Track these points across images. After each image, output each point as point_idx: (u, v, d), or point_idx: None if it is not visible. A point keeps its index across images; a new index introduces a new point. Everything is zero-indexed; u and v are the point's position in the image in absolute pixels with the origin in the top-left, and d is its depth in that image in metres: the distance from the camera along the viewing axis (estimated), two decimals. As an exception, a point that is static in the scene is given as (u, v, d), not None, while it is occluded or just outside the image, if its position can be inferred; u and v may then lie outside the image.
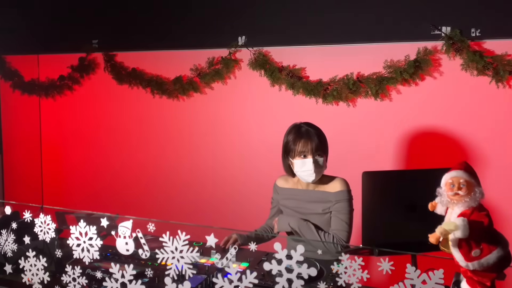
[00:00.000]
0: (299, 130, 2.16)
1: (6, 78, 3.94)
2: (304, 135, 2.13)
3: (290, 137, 2.17)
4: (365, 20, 2.86)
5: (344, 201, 2.15)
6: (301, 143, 2.12)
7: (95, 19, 3.60)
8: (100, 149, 3.74)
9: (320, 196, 2.18)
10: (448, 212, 1.34)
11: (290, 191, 2.27)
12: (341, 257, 1.13)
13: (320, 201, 2.18)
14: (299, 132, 2.15)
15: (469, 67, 2.64)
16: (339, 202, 2.15)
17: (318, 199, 2.18)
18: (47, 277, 1.48)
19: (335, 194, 2.16)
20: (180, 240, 1.25)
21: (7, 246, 1.68)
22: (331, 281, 1.66)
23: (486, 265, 1.28)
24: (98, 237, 1.39)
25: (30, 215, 1.53)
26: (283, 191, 2.30)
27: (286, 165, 2.22)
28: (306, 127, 2.17)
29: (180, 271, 1.27)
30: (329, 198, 2.17)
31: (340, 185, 2.18)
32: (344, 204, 2.15)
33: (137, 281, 1.30)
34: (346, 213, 2.14)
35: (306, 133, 2.14)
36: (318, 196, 2.19)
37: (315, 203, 2.19)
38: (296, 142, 2.13)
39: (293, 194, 2.26)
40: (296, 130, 2.17)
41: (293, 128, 2.20)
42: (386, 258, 1.11)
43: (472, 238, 1.26)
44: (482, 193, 1.30)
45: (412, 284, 1.04)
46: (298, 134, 2.14)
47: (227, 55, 3.20)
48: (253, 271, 1.19)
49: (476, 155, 2.68)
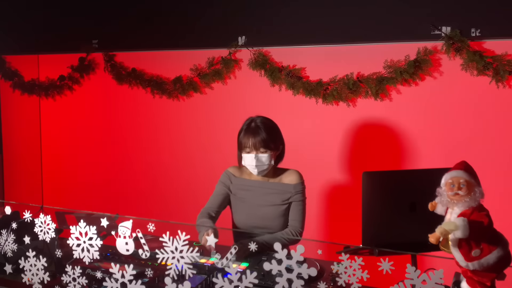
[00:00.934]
0: (249, 125, 2.22)
1: (6, 78, 3.94)
2: (251, 130, 2.20)
3: (241, 131, 2.24)
4: (365, 20, 2.86)
5: (302, 193, 2.28)
6: (246, 139, 2.19)
7: (95, 19, 3.59)
8: (100, 149, 3.74)
9: (279, 187, 2.27)
10: (448, 212, 1.34)
11: (246, 181, 2.31)
12: (341, 257, 1.14)
13: (279, 192, 2.26)
14: (248, 127, 2.22)
15: (469, 67, 2.64)
16: (298, 193, 2.26)
17: (276, 191, 2.26)
18: (47, 277, 1.48)
19: (295, 186, 2.26)
20: (180, 240, 1.25)
21: (7, 246, 1.68)
22: (331, 281, 1.67)
23: (486, 265, 1.28)
24: (98, 237, 1.39)
25: (30, 215, 1.53)
26: (237, 181, 2.32)
27: (239, 158, 2.29)
28: (256, 122, 2.22)
29: (180, 271, 1.27)
30: (289, 189, 2.26)
31: (297, 177, 2.29)
32: (301, 195, 2.27)
33: (137, 281, 1.30)
34: (303, 204, 2.27)
35: (254, 128, 2.20)
36: (277, 188, 2.26)
37: (273, 194, 2.26)
38: (244, 137, 2.20)
39: (249, 185, 2.30)
40: (246, 124, 2.24)
41: (245, 122, 2.26)
42: (386, 258, 1.11)
43: (472, 238, 1.26)
44: (482, 193, 1.30)
45: (412, 284, 1.04)
46: (247, 129, 2.21)
47: (227, 55, 3.20)
48: (253, 271, 1.18)
49: (476, 155, 2.68)
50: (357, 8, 2.88)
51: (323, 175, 3.06)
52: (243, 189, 2.30)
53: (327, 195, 3.08)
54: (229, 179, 2.34)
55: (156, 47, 3.45)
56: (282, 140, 2.30)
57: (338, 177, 3.04)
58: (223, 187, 2.34)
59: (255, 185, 2.29)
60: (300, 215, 2.26)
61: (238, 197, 2.31)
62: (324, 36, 2.97)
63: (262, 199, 2.26)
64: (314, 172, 3.07)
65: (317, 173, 3.04)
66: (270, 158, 2.20)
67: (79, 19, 3.64)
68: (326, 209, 3.09)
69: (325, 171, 3.04)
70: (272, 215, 2.25)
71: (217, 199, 2.32)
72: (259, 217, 2.26)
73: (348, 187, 3.01)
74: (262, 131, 2.18)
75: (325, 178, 3.06)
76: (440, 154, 2.77)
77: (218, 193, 2.33)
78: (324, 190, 3.08)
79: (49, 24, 3.73)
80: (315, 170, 3.05)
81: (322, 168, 3.04)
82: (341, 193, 3.04)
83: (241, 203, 2.30)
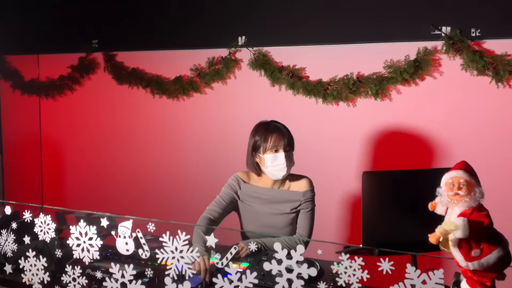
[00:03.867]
0: (268, 126, 2.20)
1: (6, 78, 3.94)
2: (275, 130, 2.17)
3: (259, 134, 2.19)
4: (365, 20, 2.86)
5: (311, 200, 2.24)
6: (273, 138, 2.15)
7: (95, 19, 3.59)
8: (100, 149, 3.74)
9: (289, 196, 2.22)
10: (448, 212, 1.34)
11: (254, 188, 2.25)
12: (341, 257, 1.13)
13: (289, 201, 2.22)
14: (269, 128, 2.19)
15: (469, 67, 2.64)
16: (307, 201, 2.23)
17: (286, 199, 2.22)
18: (47, 277, 1.48)
19: (304, 194, 2.23)
20: (180, 240, 1.25)
21: (7, 246, 1.68)
22: (331, 281, 1.66)
23: (486, 265, 1.28)
24: (98, 237, 1.39)
25: (30, 215, 1.53)
26: (246, 187, 2.25)
27: (252, 163, 2.22)
28: (275, 123, 2.22)
29: (180, 271, 1.27)
30: (298, 197, 2.22)
31: (306, 184, 2.25)
32: (311, 204, 2.24)
33: (137, 281, 1.30)
34: (312, 213, 2.24)
35: (277, 128, 2.18)
36: (287, 196, 2.22)
37: (283, 203, 2.22)
38: (268, 138, 2.16)
39: (258, 192, 2.24)
40: (265, 126, 2.21)
41: (262, 125, 2.23)
42: (386, 258, 1.11)
43: (472, 238, 1.26)
44: (482, 193, 1.30)
45: (412, 284, 1.04)
46: (269, 130, 2.18)
47: (227, 55, 3.20)
48: (253, 271, 1.18)
49: (476, 155, 2.68)
50: (357, 8, 2.88)
51: (323, 174, 3.05)
52: (252, 196, 2.24)
53: (327, 195, 3.07)
54: (238, 184, 2.27)
55: (156, 47, 3.45)
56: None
57: (338, 177, 3.04)
58: (231, 191, 2.25)
59: (264, 193, 2.23)
60: (308, 223, 2.22)
61: (247, 205, 2.25)
62: (324, 36, 2.97)
63: (271, 208, 2.22)
64: (314, 172, 3.06)
65: (317, 173, 3.03)
66: (292, 157, 2.19)
67: (79, 19, 3.64)
68: (326, 209, 3.08)
69: (325, 170, 3.04)
70: (281, 224, 2.21)
71: (222, 203, 2.22)
72: (268, 226, 2.21)
73: (348, 187, 3.01)
74: (286, 131, 2.19)
75: (325, 178, 3.05)
76: (440, 154, 2.77)
77: (224, 196, 2.24)
78: (324, 190, 3.07)
79: (49, 24, 3.73)
80: (315, 170, 3.04)
81: (322, 168, 3.04)
82: (341, 193, 3.04)
83: (249, 211, 2.25)
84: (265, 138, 2.16)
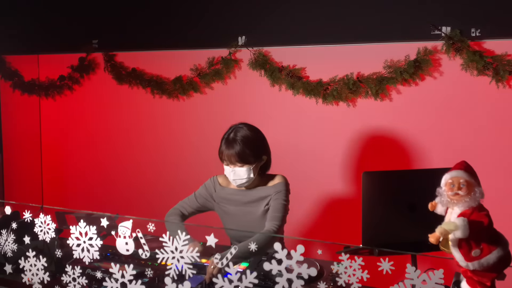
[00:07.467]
0: (228, 137, 2.14)
1: (6, 78, 3.94)
2: (227, 143, 2.11)
3: (221, 143, 2.15)
4: (365, 20, 2.86)
5: (281, 192, 2.14)
6: (225, 153, 2.11)
7: (95, 19, 3.59)
8: (100, 149, 3.74)
9: (261, 193, 2.18)
10: (448, 212, 1.34)
11: (230, 191, 2.23)
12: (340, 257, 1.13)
13: (261, 198, 2.18)
14: (226, 139, 2.13)
15: (469, 67, 2.64)
16: (278, 193, 2.15)
17: (259, 197, 2.17)
18: (47, 277, 1.48)
19: (275, 186, 2.17)
20: (180, 240, 1.25)
21: (7, 246, 1.68)
22: (331, 281, 1.67)
23: (486, 265, 1.28)
24: (98, 237, 1.39)
25: (30, 215, 1.53)
26: (221, 190, 2.24)
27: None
28: (234, 133, 2.13)
29: (180, 271, 1.27)
30: (269, 192, 2.17)
31: (279, 180, 2.19)
32: (282, 194, 2.14)
33: (137, 281, 1.30)
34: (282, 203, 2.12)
35: (230, 141, 2.11)
36: (259, 194, 2.17)
37: (257, 201, 2.18)
38: (222, 150, 2.13)
39: (233, 194, 2.21)
40: (225, 137, 2.15)
41: (225, 134, 2.17)
42: (386, 258, 1.11)
43: (472, 238, 1.26)
44: (482, 193, 1.30)
45: (412, 284, 1.04)
46: (225, 141, 2.13)
47: (227, 55, 3.20)
48: (253, 271, 1.18)
49: (476, 155, 2.68)
50: (357, 8, 2.88)
51: (323, 175, 3.05)
52: (226, 198, 2.23)
53: (327, 195, 3.08)
54: (214, 187, 2.26)
55: (156, 47, 3.44)
56: (266, 150, 2.21)
57: (338, 177, 3.04)
58: (206, 193, 2.26)
59: (237, 194, 2.21)
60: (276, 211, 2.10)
61: (223, 209, 2.24)
62: (324, 36, 2.97)
63: (245, 209, 2.20)
64: (314, 172, 3.07)
65: (317, 173, 3.04)
66: (249, 171, 2.11)
67: (79, 19, 3.63)
68: (326, 209, 3.09)
69: (325, 171, 3.04)
70: (259, 223, 2.17)
71: (195, 202, 2.26)
72: (247, 227, 2.19)
73: (348, 187, 3.01)
74: (239, 144, 2.09)
75: (325, 178, 3.06)
76: (440, 154, 2.77)
77: (199, 196, 2.27)
78: (324, 190, 3.07)
79: (49, 24, 3.73)
80: (315, 170, 3.05)
81: (322, 168, 3.04)
82: (341, 193, 3.04)
83: (227, 215, 2.24)
84: (220, 150, 2.14)
